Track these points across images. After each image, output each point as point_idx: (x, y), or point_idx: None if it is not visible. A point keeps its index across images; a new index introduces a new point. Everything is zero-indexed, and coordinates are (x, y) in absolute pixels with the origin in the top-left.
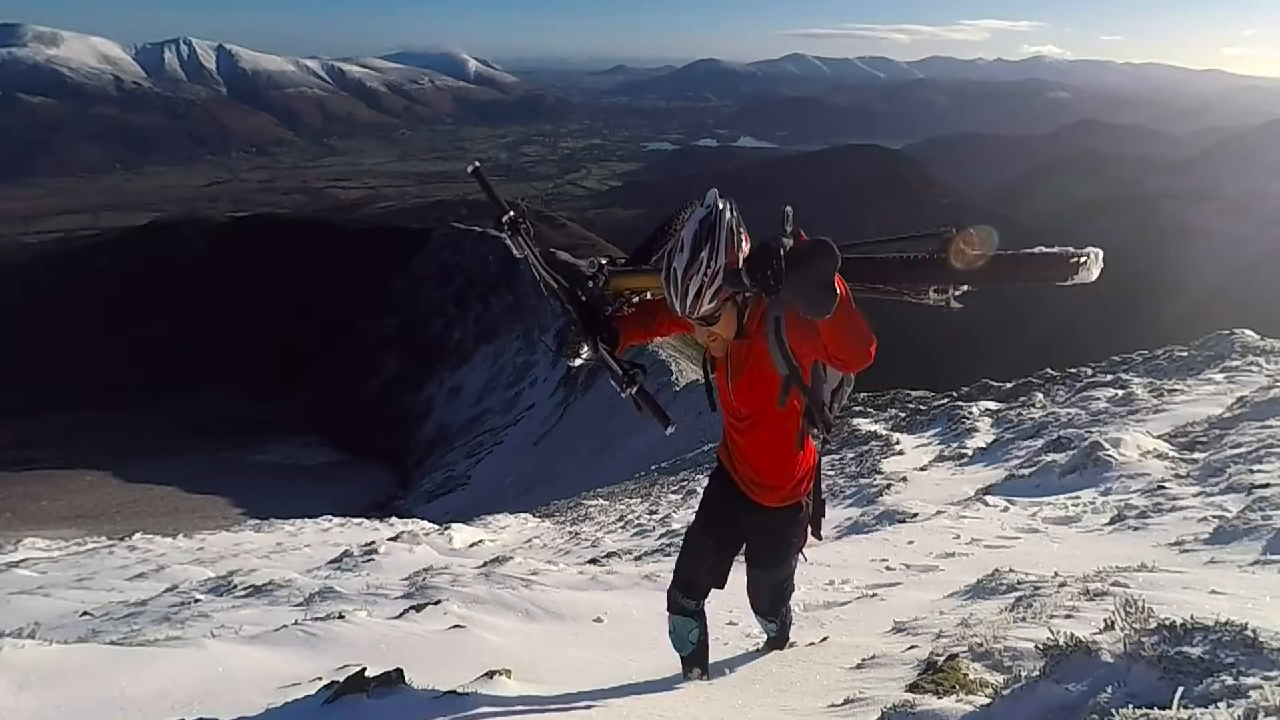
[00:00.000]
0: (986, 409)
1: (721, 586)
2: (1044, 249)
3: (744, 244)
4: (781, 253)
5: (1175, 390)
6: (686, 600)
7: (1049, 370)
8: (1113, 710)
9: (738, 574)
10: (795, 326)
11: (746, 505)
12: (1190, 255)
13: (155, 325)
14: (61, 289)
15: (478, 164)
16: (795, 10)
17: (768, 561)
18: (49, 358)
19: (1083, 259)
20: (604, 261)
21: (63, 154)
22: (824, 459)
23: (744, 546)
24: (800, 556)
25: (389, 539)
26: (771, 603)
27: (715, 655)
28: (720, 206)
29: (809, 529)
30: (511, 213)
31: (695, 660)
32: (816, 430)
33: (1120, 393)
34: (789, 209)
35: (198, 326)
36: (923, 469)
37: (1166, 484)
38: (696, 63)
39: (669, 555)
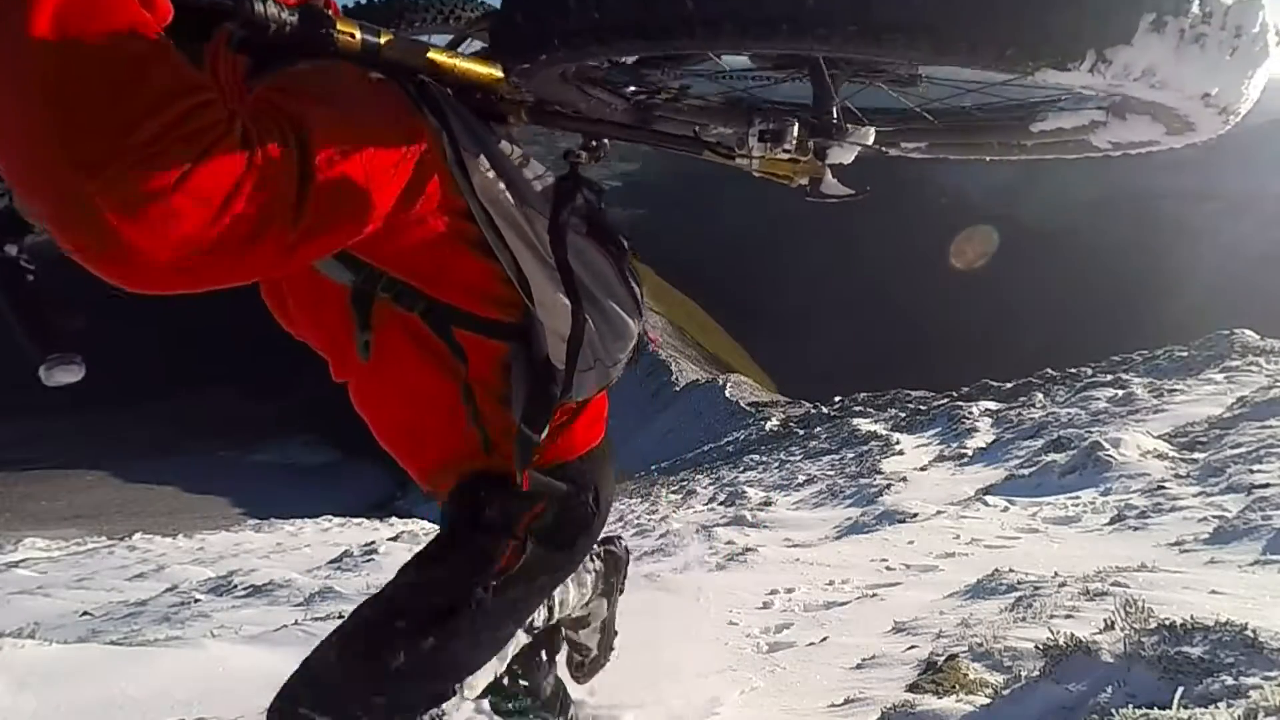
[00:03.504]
0: (986, 409)
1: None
2: None
3: None
4: None
5: (1175, 390)
6: None
7: (1049, 370)
8: (1113, 710)
9: (739, 574)
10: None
11: None
12: (1190, 255)
13: (155, 325)
14: (61, 288)
15: None
16: None
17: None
18: None
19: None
20: None
21: None
22: (824, 459)
23: None
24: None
25: (389, 539)
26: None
27: (716, 655)
28: None
29: (505, 561)
30: None
31: None
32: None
33: (1120, 393)
34: None
35: (198, 326)
36: (923, 469)
37: (1166, 484)
38: None
39: (669, 555)
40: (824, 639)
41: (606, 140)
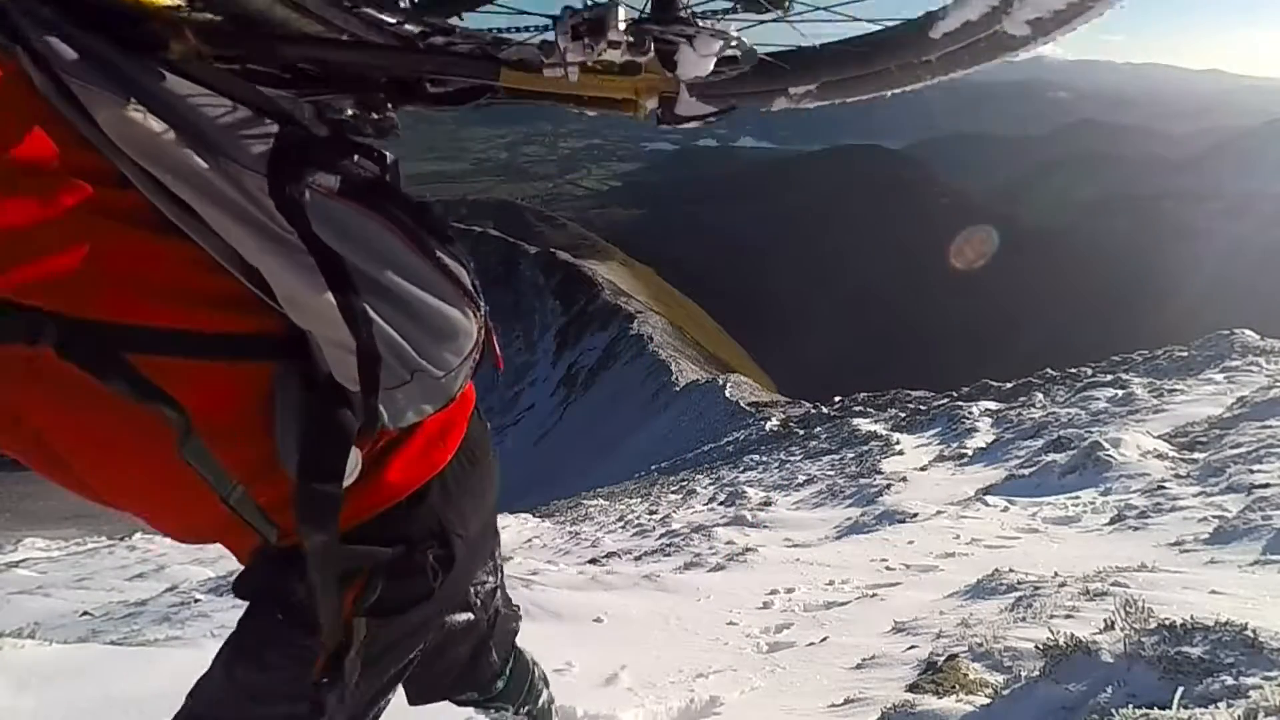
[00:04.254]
0: (986, 409)
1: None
2: None
3: None
4: None
5: (1175, 390)
6: None
7: (1049, 370)
8: (1113, 710)
9: (739, 574)
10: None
11: None
12: (1190, 255)
13: None
14: None
15: None
16: None
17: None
18: None
19: None
20: None
21: None
22: (824, 459)
23: None
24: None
25: None
26: None
27: (716, 655)
28: None
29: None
30: None
31: None
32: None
33: (1120, 393)
34: None
35: None
36: (923, 469)
37: (1166, 484)
38: None
39: (669, 555)
40: (824, 639)
41: (389, 102)
